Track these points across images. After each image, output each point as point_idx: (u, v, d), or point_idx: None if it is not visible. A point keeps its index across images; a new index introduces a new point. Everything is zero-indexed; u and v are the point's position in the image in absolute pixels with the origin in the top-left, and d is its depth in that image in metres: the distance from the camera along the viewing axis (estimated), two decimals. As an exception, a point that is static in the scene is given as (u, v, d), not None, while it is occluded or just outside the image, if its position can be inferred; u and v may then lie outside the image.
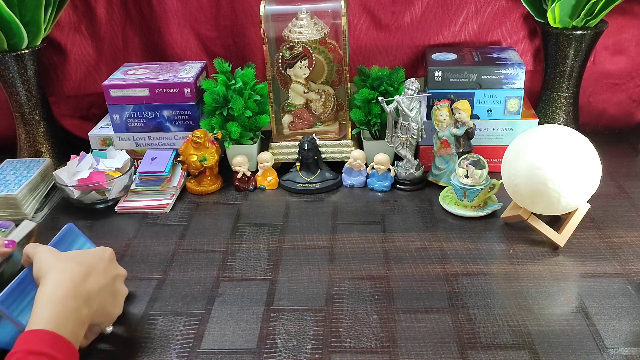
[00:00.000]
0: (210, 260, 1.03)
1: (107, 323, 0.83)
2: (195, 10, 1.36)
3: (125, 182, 1.21)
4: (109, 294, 0.81)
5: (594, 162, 0.96)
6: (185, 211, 1.19)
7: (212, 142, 1.23)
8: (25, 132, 1.32)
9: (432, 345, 0.82)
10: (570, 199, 0.96)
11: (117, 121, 1.30)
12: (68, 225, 0.90)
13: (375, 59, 1.38)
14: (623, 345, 0.80)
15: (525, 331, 0.83)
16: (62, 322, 0.71)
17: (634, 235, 1.03)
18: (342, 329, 0.86)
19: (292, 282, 0.96)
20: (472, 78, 1.20)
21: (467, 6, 1.32)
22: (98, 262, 0.81)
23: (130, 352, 0.83)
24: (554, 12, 1.19)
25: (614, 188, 1.18)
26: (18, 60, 1.23)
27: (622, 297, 0.89)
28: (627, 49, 1.34)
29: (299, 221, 1.13)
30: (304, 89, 1.27)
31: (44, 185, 1.23)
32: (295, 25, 1.21)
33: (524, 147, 0.98)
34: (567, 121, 1.30)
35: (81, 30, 1.38)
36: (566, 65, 1.25)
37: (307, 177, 1.24)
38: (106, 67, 1.41)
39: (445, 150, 1.19)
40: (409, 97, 1.15)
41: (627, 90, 1.38)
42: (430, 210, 1.14)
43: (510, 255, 1.00)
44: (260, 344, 0.84)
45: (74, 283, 0.75)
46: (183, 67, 1.33)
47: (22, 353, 0.66)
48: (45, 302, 0.72)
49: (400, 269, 0.98)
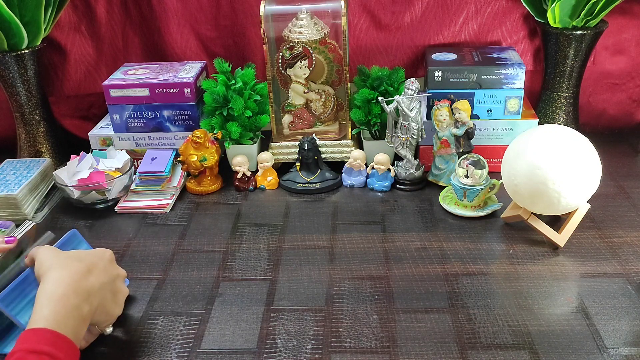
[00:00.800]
0: (210, 260, 1.03)
1: (107, 323, 0.83)
2: (195, 10, 1.36)
3: (125, 182, 1.21)
4: (110, 292, 0.81)
5: (594, 162, 0.96)
6: (185, 211, 1.19)
7: (212, 142, 1.23)
8: (25, 132, 1.32)
9: (432, 345, 0.82)
10: (570, 199, 0.96)
11: (117, 121, 1.30)
12: (72, 230, 0.91)
13: (375, 59, 1.38)
14: (623, 345, 0.80)
15: (525, 331, 0.83)
16: (63, 320, 0.71)
17: (634, 235, 1.03)
18: (342, 329, 0.86)
19: (292, 282, 0.96)
20: (472, 78, 1.20)
21: (467, 6, 1.32)
22: (99, 261, 0.81)
23: (131, 352, 0.83)
24: (554, 12, 1.19)
25: (614, 188, 1.18)
26: (18, 60, 1.23)
27: (622, 297, 0.89)
28: (627, 49, 1.34)
29: (299, 221, 1.13)
30: (304, 89, 1.27)
31: (44, 185, 1.23)
32: (295, 25, 1.21)
33: (524, 147, 0.98)
34: (567, 121, 1.30)
35: (81, 30, 1.38)
36: (566, 65, 1.25)
37: (307, 177, 1.24)
38: (106, 67, 1.41)
39: (445, 150, 1.19)
40: (409, 97, 1.15)
41: (627, 90, 1.38)
42: (430, 210, 1.14)
43: (510, 255, 1.00)
44: (260, 344, 0.84)
45: (74, 280, 0.75)
46: (183, 67, 1.33)
47: (22, 352, 0.66)
48: (45, 300, 0.72)
49: (400, 269, 0.98)
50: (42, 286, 0.74)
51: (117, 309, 0.83)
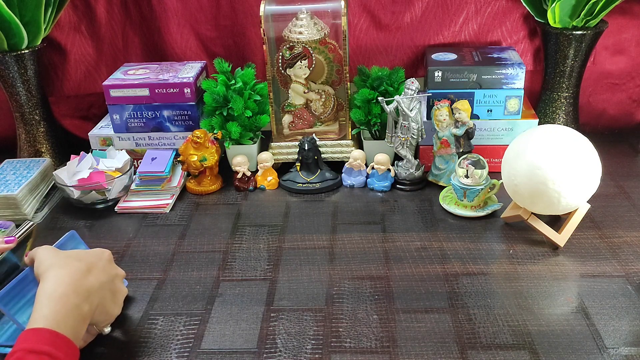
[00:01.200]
0: (210, 260, 1.03)
1: (106, 322, 0.83)
2: (195, 10, 1.36)
3: (125, 182, 1.21)
4: (109, 292, 0.81)
5: (594, 162, 0.96)
6: (185, 211, 1.19)
7: (212, 142, 1.23)
8: (25, 132, 1.32)
9: (432, 345, 0.82)
10: (570, 199, 0.96)
11: (117, 121, 1.30)
12: (71, 232, 0.91)
13: (375, 59, 1.38)
14: (623, 345, 0.80)
15: (525, 331, 0.83)
16: (63, 320, 0.71)
17: (634, 235, 1.03)
18: (342, 329, 0.86)
19: (292, 282, 0.96)
20: (472, 78, 1.20)
21: (467, 6, 1.32)
22: (98, 261, 0.81)
23: (131, 352, 0.83)
24: (554, 12, 1.19)
25: (614, 188, 1.18)
26: (18, 60, 1.23)
27: (622, 297, 0.89)
28: (627, 49, 1.34)
29: (299, 221, 1.13)
30: (304, 89, 1.27)
31: (44, 185, 1.23)
32: (295, 25, 1.21)
33: (524, 147, 0.98)
34: (567, 121, 1.30)
35: (81, 30, 1.38)
36: (566, 65, 1.25)
37: (307, 177, 1.24)
38: (106, 67, 1.41)
39: (445, 150, 1.19)
40: (409, 97, 1.15)
41: (627, 90, 1.38)
42: (430, 210, 1.14)
43: (510, 255, 1.00)
44: (260, 344, 0.84)
45: (74, 279, 0.75)
46: (183, 67, 1.33)
47: (21, 352, 0.66)
48: (45, 300, 0.72)
49: (400, 269, 0.98)
50: (41, 285, 0.74)
51: (116, 308, 0.84)
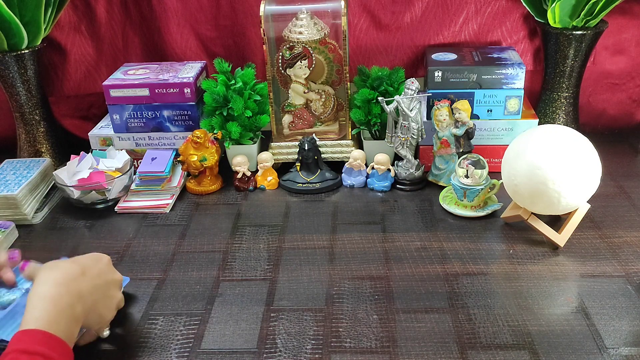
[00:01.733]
0: (210, 260, 1.03)
1: (99, 326, 0.82)
2: (195, 10, 1.36)
3: (125, 182, 1.21)
4: (103, 296, 0.81)
5: (594, 162, 0.96)
6: (185, 211, 1.19)
7: (212, 142, 1.23)
8: (25, 132, 1.32)
9: (432, 345, 0.82)
10: (570, 199, 0.96)
11: (117, 121, 1.30)
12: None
13: (375, 59, 1.38)
14: (623, 345, 0.80)
15: (525, 331, 0.83)
16: (55, 320, 0.70)
17: (634, 235, 1.03)
18: (342, 329, 0.86)
19: (292, 282, 0.96)
20: (472, 78, 1.20)
21: (467, 6, 1.32)
22: (94, 264, 0.81)
23: (131, 352, 0.83)
24: (554, 12, 1.19)
25: (614, 188, 1.18)
26: (18, 60, 1.23)
27: (622, 297, 0.89)
28: (627, 49, 1.34)
29: (299, 221, 1.13)
30: (304, 89, 1.27)
31: (44, 185, 1.23)
32: (295, 25, 1.21)
33: (524, 147, 0.98)
34: (567, 121, 1.30)
35: (81, 30, 1.38)
36: (566, 65, 1.25)
37: (307, 177, 1.24)
38: (106, 67, 1.41)
39: (445, 150, 1.19)
40: (409, 97, 1.15)
41: (627, 90, 1.38)
42: (430, 210, 1.14)
43: (510, 255, 1.00)
44: (260, 344, 0.84)
45: (68, 280, 0.75)
46: (183, 67, 1.33)
47: (15, 353, 0.66)
48: (37, 301, 0.72)
49: (400, 269, 0.98)
50: (34, 288, 0.74)
51: (110, 313, 0.83)
